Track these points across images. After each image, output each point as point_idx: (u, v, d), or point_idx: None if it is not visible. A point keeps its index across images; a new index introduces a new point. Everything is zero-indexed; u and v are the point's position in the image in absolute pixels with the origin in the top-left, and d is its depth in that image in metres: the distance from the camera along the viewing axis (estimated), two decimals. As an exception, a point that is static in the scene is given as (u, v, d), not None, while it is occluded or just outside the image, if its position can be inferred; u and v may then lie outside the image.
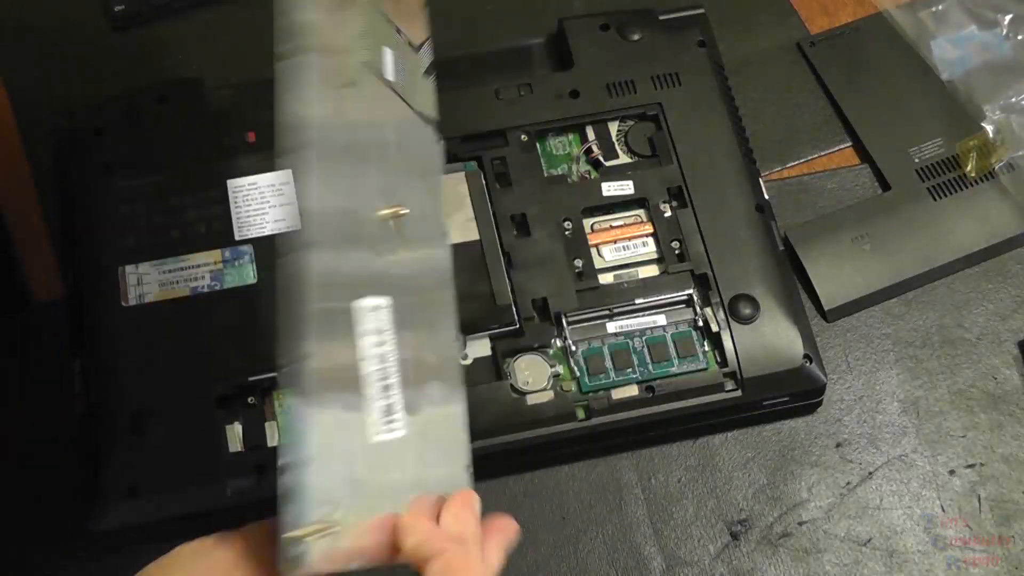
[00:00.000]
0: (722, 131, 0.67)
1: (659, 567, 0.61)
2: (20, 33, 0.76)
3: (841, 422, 0.64)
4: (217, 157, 0.65)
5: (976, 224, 0.69)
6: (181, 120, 0.67)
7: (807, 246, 0.68)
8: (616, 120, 0.69)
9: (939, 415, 0.65)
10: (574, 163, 0.68)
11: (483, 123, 0.67)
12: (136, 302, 0.61)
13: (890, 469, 0.63)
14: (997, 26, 0.74)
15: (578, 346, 0.62)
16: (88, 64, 0.74)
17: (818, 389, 0.63)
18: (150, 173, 0.65)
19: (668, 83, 0.69)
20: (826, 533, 0.61)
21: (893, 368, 0.66)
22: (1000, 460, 0.63)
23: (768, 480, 0.63)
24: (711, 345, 0.62)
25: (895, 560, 0.61)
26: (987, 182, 0.70)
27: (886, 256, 0.68)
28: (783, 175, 0.72)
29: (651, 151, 0.68)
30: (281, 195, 0.64)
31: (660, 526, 0.61)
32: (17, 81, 0.74)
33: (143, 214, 0.64)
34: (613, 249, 0.65)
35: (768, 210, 0.66)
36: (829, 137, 0.73)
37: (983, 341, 0.67)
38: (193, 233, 0.63)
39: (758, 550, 0.61)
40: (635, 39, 0.70)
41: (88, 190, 0.65)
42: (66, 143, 0.67)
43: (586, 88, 0.68)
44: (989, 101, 0.71)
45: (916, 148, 0.71)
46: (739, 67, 0.73)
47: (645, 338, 0.62)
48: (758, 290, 0.63)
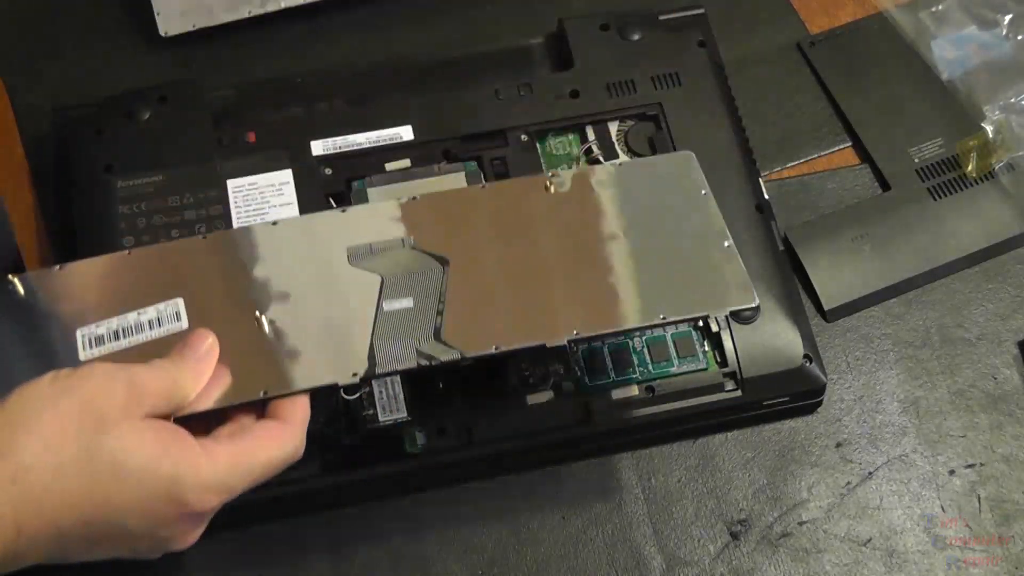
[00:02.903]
0: (722, 131, 0.67)
1: (659, 567, 0.61)
2: (20, 33, 0.76)
3: (841, 422, 0.64)
4: (217, 157, 0.65)
5: (976, 224, 0.69)
6: (181, 120, 0.67)
7: (807, 246, 0.68)
8: (616, 120, 0.69)
9: (939, 415, 0.65)
10: (574, 163, 0.68)
11: (483, 123, 0.67)
12: (136, 302, 0.61)
13: (890, 469, 0.63)
14: (997, 26, 0.74)
15: (578, 346, 0.62)
16: (88, 64, 0.74)
17: (818, 389, 0.63)
18: (150, 173, 0.65)
19: (668, 83, 0.69)
20: (826, 533, 0.61)
21: (893, 368, 0.66)
22: (1000, 460, 0.63)
23: (768, 480, 0.63)
24: (711, 345, 0.62)
25: (895, 560, 0.61)
26: (987, 182, 0.70)
27: (886, 256, 0.68)
28: (783, 175, 0.72)
29: (651, 151, 0.67)
30: (281, 195, 0.64)
31: (660, 526, 0.61)
32: (17, 81, 0.74)
33: (143, 214, 0.64)
34: (613, 249, 0.65)
35: (768, 210, 0.66)
36: (829, 137, 0.73)
37: (983, 341, 0.67)
38: (193, 233, 0.63)
39: (758, 550, 0.61)
40: (635, 39, 0.70)
41: (88, 190, 0.65)
42: (66, 143, 0.68)
43: (586, 88, 0.68)
44: (989, 101, 0.71)
45: (916, 148, 0.71)
46: (739, 67, 0.73)
47: (645, 338, 0.62)
48: (758, 290, 0.62)
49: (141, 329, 0.52)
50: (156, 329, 0.52)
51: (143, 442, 0.45)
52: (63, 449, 0.44)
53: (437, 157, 0.66)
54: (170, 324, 0.52)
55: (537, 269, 0.54)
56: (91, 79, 0.73)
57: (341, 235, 0.55)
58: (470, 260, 0.54)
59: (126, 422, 0.45)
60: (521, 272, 0.54)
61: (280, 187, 0.65)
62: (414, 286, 0.54)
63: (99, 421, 0.44)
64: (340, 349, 0.52)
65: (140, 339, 0.52)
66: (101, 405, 0.45)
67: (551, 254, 0.55)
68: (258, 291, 0.53)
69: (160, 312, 0.52)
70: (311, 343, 0.52)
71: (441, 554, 0.60)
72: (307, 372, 0.51)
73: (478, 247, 0.55)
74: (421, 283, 0.54)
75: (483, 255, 0.55)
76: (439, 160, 0.66)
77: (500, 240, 0.55)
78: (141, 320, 0.52)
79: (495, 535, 0.61)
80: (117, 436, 0.44)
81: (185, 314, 0.52)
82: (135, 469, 0.44)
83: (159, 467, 0.45)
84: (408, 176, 0.66)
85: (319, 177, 0.65)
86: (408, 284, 0.54)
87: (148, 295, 0.53)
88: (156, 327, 0.52)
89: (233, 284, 0.54)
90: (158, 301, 0.53)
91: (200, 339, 0.50)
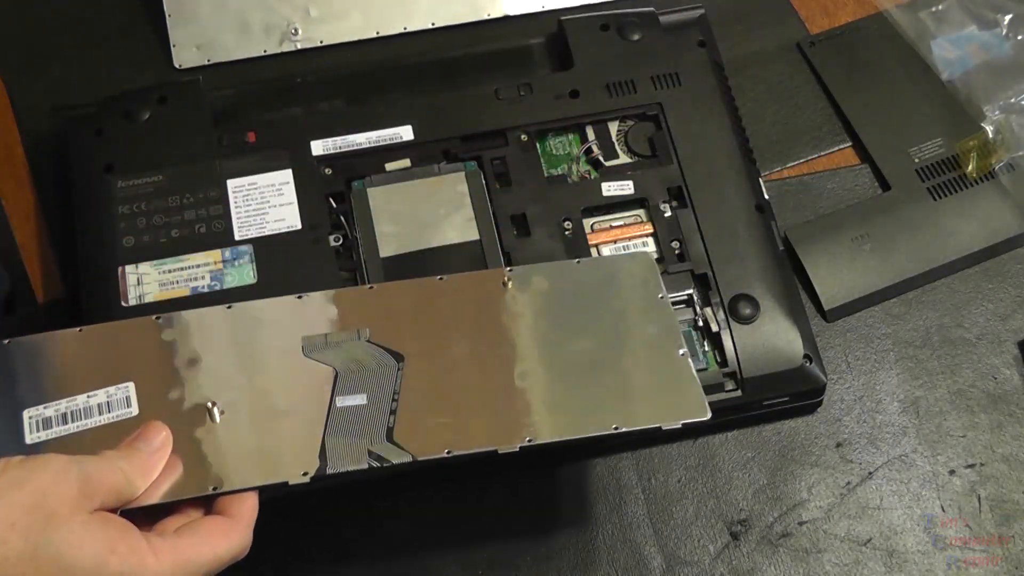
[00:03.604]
0: (722, 131, 0.67)
1: (659, 567, 0.61)
2: (20, 33, 0.76)
3: (841, 422, 0.64)
4: (217, 157, 0.65)
5: (976, 224, 0.69)
6: (181, 120, 0.67)
7: (807, 246, 0.68)
8: (616, 120, 0.69)
9: (939, 415, 0.65)
10: (574, 163, 0.68)
11: (483, 123, 0.67)
12: (136, 302, 0.61)
13: (890, 469, 0.63)
14: (997, 26, 0.74)
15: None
16: (88, 64, 0.74)
17: (818, 389, 0.63)
18: (150, 173, 0.65)
19: (668, 83, 0.69)
20: (826, 533, 0.61)
21: (893, 368, 0.66)
22: (1000, 460, 0.63)
23: (768, 480, 0.63)
24: (711, 345, 0.62)
25: (895, 560, 0.61)
26: (987, 182, 0.70)
27: (886, 256, 0.68)
28: (783, 175, 0.72)
29: (651, 151, 0.68)
30: (281, 195, 0.64)
31: (660, 526, 0.61)
32: (17, 81, 0.74)
33: (143, 214, 0.64)
34: (613, 249, 0.65)
35: (768, 210, 0.66)
36: (829, 137, 0.73)
37: (983, 341, 0.67)
38: (193, 233, 0.63)
39: (758, 550, 0.61)
40: (635, 39, 0.70)
41: (88, 190, 0.65)
42: (66, 143, 0.68)
43: (586, 88, 0.68)
44: (989, 101, 0.71)
45: (916, 148, 0.71)
46: (739, 67, 0.73)
47: (645, 338, 0.62)
48: (758, 290, 0.63)
49: (90, 414, 0.51)
50: (105, 415, 0.51)
51: (92, 540, 0.44)
52: (9, 543, 0.43)
53: (437, 157, 0.66)
54: (120, 410, 0.51)
55: (492, 369, 0.54)
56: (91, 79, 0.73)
57: (296, 323, 0.54)
58: (426, 357, 0.54)
59: (75, 518, 0.44)
60: (477, 372, 0.54)
61: (280, 187, 0.65)
62: (368, 381, 0.53)
63: (49, 516, 0.44)
64: (291, 444, 0.51)
65: (89, 424, 0.51)
66: (52, 500, 0.44)
67: (506, 354, 0.54)
68: (210, 378, 0.52)
69: (110, 396, 0.51)
70: (262, 436, 0.51)
71: (441, 554, 0.60)
72: (256, 468, 0.50)
73: (435, 344, 0.54)
74: (375, 379, 0.53)
75: (439, 352, 0.54)
76: (439, 160, 0.66)
77: (457, 337, 0.55)
78: (90, 404, 0.51)
79: (495, 535, 0.61)
80: (66, 533, 0.44)
81: (136, 400, 0.51)
82: (82, 569, 0.44)
83: (107, 566, 0.44)
84: (408, 176, 0.66)
85: (319, 177, 0.65)
86: (362, 379, 0.53)
87: (98, 376, 0.52)
88: (106, 412, 0.51)
89: (186, 370, 0.53)
90: (108, 384, 0.52)
91: (153, 433, 0.49)
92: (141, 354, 0.53)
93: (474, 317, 0.55)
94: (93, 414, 0.51)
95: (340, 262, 0.63)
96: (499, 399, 0.53)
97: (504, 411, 0.52)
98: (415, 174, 0.66)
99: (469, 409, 0.53)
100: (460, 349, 0.54)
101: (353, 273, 0.63)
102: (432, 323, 0.55)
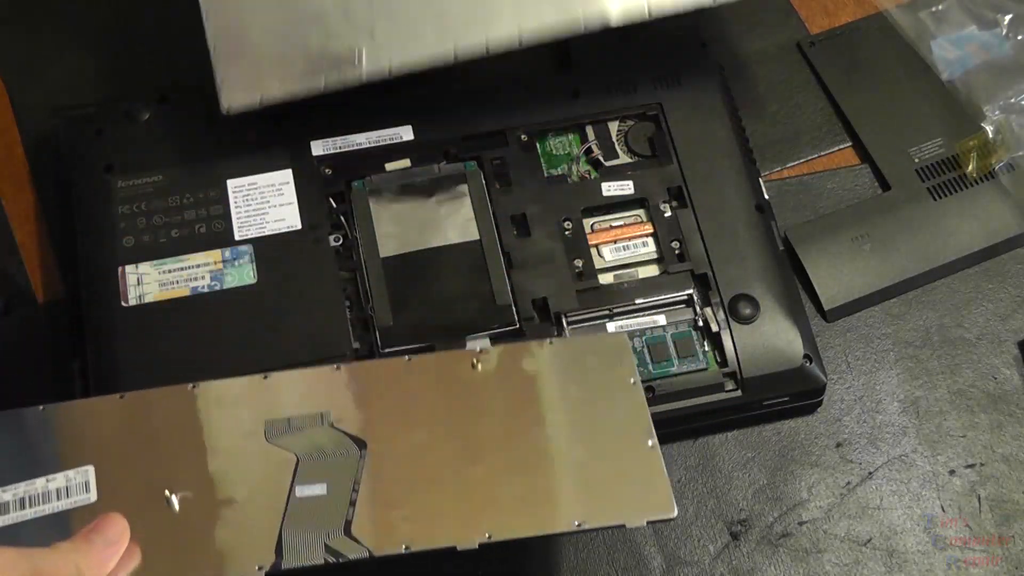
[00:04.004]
0: (722, 131, 0.67)
1: (659, 567, 0.61)
2: (20, 33, 0.76)
3: (841, 422, 0.64)
4: (217, 157, 0.65)
5: (976, 224, 0.69)
6: (181, 120, 0.67)
7: (807, 246, 0.68)
8: (616, 120, 0.69)
9: (939, 415, 0.65)
10: (574, 163, 0.68)
11: (483, 123, 0.67)
12: (136, 302, 0.61)
13: (890, 469, 0.63)
14: (997, 26, 0.74)
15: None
16: (88, 64, 0.74)
17: (818, 389, 0.63)
18: (150, 173, 0.65)
19: (668, 83, 0.69)
20: (826, 533, 0.61)
21: (893, 368, 0.66)
22: (1000, 460, 0.63)
23: (768, 480, 0.63)
24: (711, 345, 0.62)
25: (895, 560, 0.61)
26: (987, 182, 0.70)
27: (886, 256, 0.68)
28: (783, 175, 0.72)
29: (651, 151, 0.68)
30: (281, 195, 0.64)
31: (660, 526, 0.61)
32: (17, 81, 0.74)
33: (143, 214, 0.64)
34: (613, 249, 0.65)
35: (768, 210, 0.66)
36: (829, 137, 0.73)
37: (983, 341, 0.67)
38: (193, 233, 0.63)
39: (758, 550, 0.61)
40: (635, 39, 0.70)
41: (88, 190, 0.65)
42: (66, 143, 0.68)
43: (586, 88, 0.68)
44: (989, 101, 0.71)
45: (916, 148, 0.71)
46: (739, 67, 0.73)
47: (645, 338, 0.62)
48: (758, 290, 0.63)
49: (48, 499, 0.50)
50: (64, 500, 0.50)
51: None
52: None
53: (437, 157, 0.66)
54: (78, 495, 0.50)
55: (453, 459, 0.53)
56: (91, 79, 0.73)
57: (260, 405, 0.54)
58: (388, 443, 0.53)
59: None
60: (438, 461, 0.53)
61: (280, 187, 0.65)
62: (329, 469, 0.52)
63: None
64: (249, 535, 0.50)
65: (46, 510, 0.50)
66: None
67: (469, 443, 0.53)
68: (171, 463, 0.52)
69: (69, 480, 0.51)
70: (220, 526, 0.50)
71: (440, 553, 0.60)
72: (213, 560, 0.49)
73: (398, 429, 0.53)
74: (336, 467, 0.52)
75: (402, 439, 0.53)
76: (439, 160, 0.66)
77: (421, 423, 0.54)
78: (49, 488, 0.50)
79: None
80: None
81: (95, 485, 0.51)
82: None
83: None
84: (408, 176, 0.66)
85: (319, 177, 0.65)
86: (324, 467, 0.52)
87: (58, 457, 0.51)
88: (64, 497, 0.50)
89: (147, 453, 0.52)
90: (68, 466, 0.51)
91: (110, 525, 0.48)
92: (103, 434, 0.53)
93: (440, 401, 0.55)
94: (51, 499, 0.50)
95: (340, 262, 0.63)
96: (460, 491, 0.52)
97: (464, 504, 0.52)
98: (415, 174, 0.66)
99: (429, 501, 0.52)
100: (423, 436, 0.53)
101: (353, 273, 0.63)
102: (397, 407, 0.54)
